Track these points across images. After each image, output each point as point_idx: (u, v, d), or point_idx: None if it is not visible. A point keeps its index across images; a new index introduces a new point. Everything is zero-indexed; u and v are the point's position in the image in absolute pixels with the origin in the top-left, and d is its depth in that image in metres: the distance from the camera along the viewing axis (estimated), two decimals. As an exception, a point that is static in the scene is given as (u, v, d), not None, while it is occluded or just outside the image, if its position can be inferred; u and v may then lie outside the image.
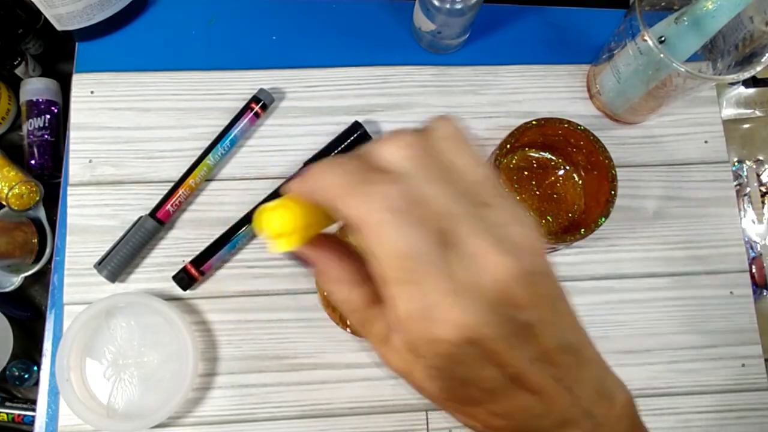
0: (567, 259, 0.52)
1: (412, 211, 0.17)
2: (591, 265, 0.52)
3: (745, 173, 0.58)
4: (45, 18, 0.50)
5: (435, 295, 0.16)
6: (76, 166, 0.51)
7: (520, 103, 0.54)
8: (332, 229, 0.21)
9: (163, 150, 0.51)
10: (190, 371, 0.45)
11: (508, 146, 0.46)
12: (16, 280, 0.56)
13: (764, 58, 0.42)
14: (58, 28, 0.50)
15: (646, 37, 0.42)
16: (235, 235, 0.49)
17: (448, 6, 0.46)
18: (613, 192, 0.46)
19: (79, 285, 0.49)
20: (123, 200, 0.50)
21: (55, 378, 0.45)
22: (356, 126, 0.50)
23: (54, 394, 0.47)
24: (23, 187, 0.54)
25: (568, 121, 0.46)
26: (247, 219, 0.49)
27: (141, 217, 0.48)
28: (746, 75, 0.42)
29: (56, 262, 0.49)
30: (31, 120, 0.56)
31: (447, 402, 0.20)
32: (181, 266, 0.48)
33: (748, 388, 0.51)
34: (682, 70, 0.41)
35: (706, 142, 0.55)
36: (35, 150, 0.57)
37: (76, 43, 0.53)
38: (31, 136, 0.57)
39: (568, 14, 0.57)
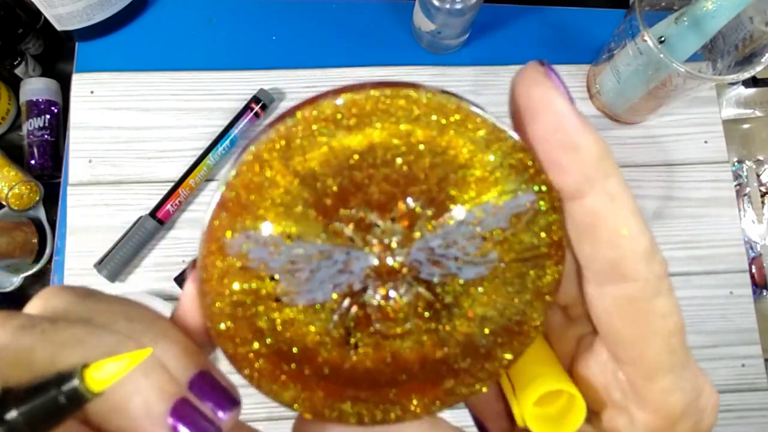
0: (567, 259, 0.52)
1: None
2: (591, 265, 0.52)
3: (745, 173, 0.58)
4: (45, 18, 0.50)
5: (703, 382, 0.16)
6: (76, 166, 0.51)
7: (520, 103, 0.54)
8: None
9: (163, 150, 0.51)
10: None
11: None
12: (16, 280, 0.56)
13: (764, 58, 0.42)
14: (58, 28, 0.50)
15: (646, 37, 0.42)
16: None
17: (448, 6, 0.46)
18: None
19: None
20: (123, 200, 0.50)
21: (55, 378, 0.45)
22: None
23: (54, 394, 0.47)
24: (23, 187, 0.54)
25: None
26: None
27: (141, 217, 0.48)
28: (746, 75, 0.42)
29: (56, 262, 0.49)
30: (31, 120, 0.56)
31: None
32: (181, 266, 0.48)
33: (748, 388, 0.51)
34: (682, 70, 0.41)
35: (706, 142, 0.55)
36: (35, 150, 0.57)
37: (76, 43, 0.53)
38: (31, 136, 0.57)
39: (568, 14, 0.57)
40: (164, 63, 0.53)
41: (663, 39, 0.45)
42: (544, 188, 0.15)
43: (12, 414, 0.12)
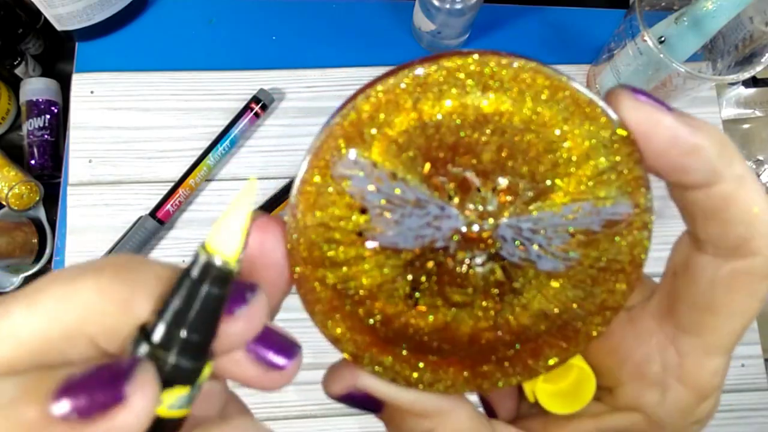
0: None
1: None
2: (591, 265, 0.52)
3: (745, 173, 0.58)
4: (45, 18, 0.50)
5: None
6: (76, 166, 0.51)
7: (520, 103, 0.54)
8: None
9: (163, 150, 0.51)
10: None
11: None
12: (16, 280, 0.56)
13: (764, 58, 0.42)
14: (58, 28, 0.50)
15: (646, 38, 0.42)
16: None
17: (448, 6, 0.46)
18: None
19: (79, 285, 0.49)
20: (123, 200, 0.50)
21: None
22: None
23: (54, 394, 0.47)
24: (23, 187, 0.54)
25: None
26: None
27: (141, 217, 0.48)
28: (746, 75, 0.42)
29: (56, 262, 0.49)
30: (31, 120, 0.56)
31: None
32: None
33: (748, 388, 0.51)
34: (682, 70, 0.41)
35: (706, 142, 0.55)
36: (35, 150, 0.57)
37: (76, 43, 0.53)
38: (31, 136, 0.56)
39: (568, 14, 0.57)
40: (164, 63, 0.53)
41: (663, 39, 0.45)
42: (645, 205, 0.15)
43: (182, 334, 0.11)
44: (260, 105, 0.50)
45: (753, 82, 0.58)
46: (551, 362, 0.16)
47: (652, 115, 0.14)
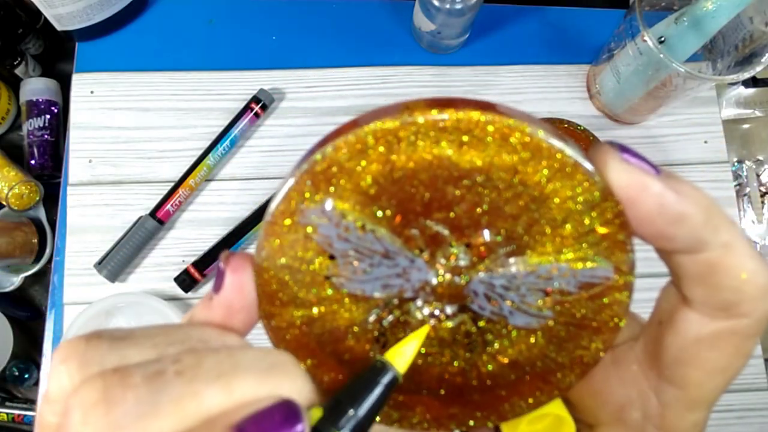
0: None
1: None
2: (591, 265, 0.52)
3: (745, 173, 0.58)
4: (45, 18, 0.50)
5: None
6: (76, 166, 0.51)
7: (520, 104, 0.54)
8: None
9: (163, 150, 0.51)
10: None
11: None
12: (16, 280, 0.56)
13: (764, 58, 0.42)
14: (58, 28, 0.50)
15: (646, 38, 0.42)
16: (240, 238, 0.49)
17: (448, 6, 0.46)
18: None
19: (79, 285, 0.49)
20: (123, 200, 0.50)
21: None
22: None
23: (54, 394, 0.47)
24: (23, 187, 0.54)
25: (568, 122, 0.46)
26: (250, 221, 0.49)
27: (141, 217, 0.48)
28: (746, 75, 0.42)
29: (56, 262, 0.49)
30: (31, 120, 0.56)
31: None
32: (180, 266, 0.48)
33: (748, 388, 0.51)
34: (682, 70, 0.41)
35: (705, 142, 0.55)
36: (35, 150, 0.57)
37: (76, 43, 0.53)
38: (31, 136, 0.57)
39: (568, 14, 0.57)
40: (164, 63, 0.53)
41: (663, 39, 0.45)
42: (626, 268, 0.14)
43: (352, 413, 0.14)
44: (260, 105, 0.50)
45: (753, 82, 0.58)
46: (520, 409, 0.16)
47: (639, 179, 0.14)
